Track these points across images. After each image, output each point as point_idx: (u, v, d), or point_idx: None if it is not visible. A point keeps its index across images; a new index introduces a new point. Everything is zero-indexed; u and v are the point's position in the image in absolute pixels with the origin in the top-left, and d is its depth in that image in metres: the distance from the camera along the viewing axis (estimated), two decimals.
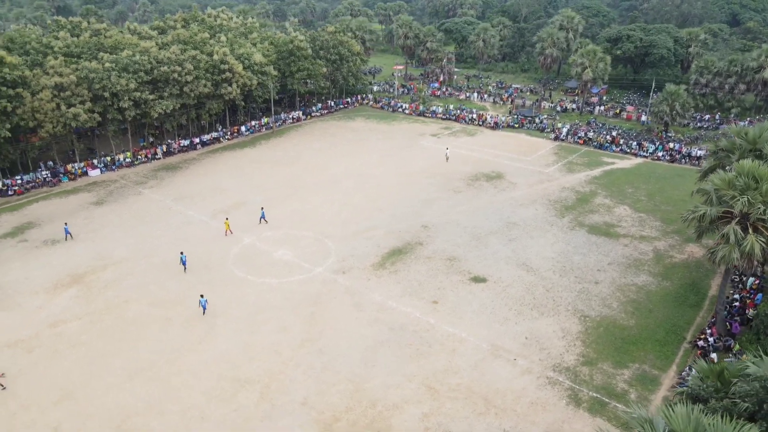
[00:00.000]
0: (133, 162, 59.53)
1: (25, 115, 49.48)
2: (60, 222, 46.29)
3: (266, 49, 71.69)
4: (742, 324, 31.79)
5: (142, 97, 55.54)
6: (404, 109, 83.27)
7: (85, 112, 51.73)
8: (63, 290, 36.75)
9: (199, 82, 59.82)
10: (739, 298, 34.38)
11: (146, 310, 34.67)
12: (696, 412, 13.91)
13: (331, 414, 26.46)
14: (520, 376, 28.92)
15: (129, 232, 44.80)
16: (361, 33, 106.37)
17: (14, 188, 51.86)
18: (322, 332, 32.45)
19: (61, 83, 50.77)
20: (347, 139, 69.68)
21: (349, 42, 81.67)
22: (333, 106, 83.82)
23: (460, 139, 70.03)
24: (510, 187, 53.72)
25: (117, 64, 54.45)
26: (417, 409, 26.73)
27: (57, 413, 26.60)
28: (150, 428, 25.70)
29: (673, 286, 37.03)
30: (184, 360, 30.20)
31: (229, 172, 58.28)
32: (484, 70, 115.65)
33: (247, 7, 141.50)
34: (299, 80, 74.06)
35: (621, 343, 31.40)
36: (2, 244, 43.05)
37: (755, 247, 26.89)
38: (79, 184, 55.03)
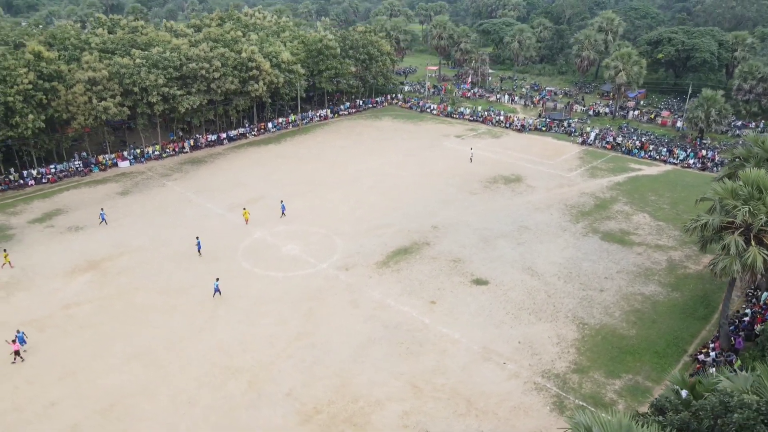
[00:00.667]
0: (161, 155, 61.74)
1: (60, 107, 52.09)
2: (86, 210, 48.60)
3: (295, 47, 72.89)
4: (749, 340, 30.52)
5: (170, 92, 57.55)
6: (432, 110, 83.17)
7: (114, 105, 54.02)
8: (79, 275, 38.61)
9: (226, 79, 61.49)
10: (750, 313, 33.01)
11: (154, 297, 36.05)
12: (628, 420, 13.65)
13: (313, 406, 26.95)
14: (507, 380, 28.69)
15: (148, 222, 46.57)
16: (396, 33, 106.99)
17: (48, 176, 54.67)
18: (318, 327, 33.00)
19: (94, 77, 53.19)
20: (372, 138, 70.17)
21: (379, 42, 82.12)
22: (361, 105, 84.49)
23: (485, 140, 69.47)
24: (528, 191, 53.02)
25: (147, 60, 56.63)
26: (399, 406, 26.91)
27: (57, 390, 28.06)
28: (140, 409, 26.80)
29: (682, 297, 35.86)
30: (182, 347, 31.29)
31: (251, 167, 59.69)
32: (520, 72, 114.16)
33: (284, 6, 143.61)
34: (327, 79, 75.00)
35: (617, 352, 30.69)
36: (30, 229, 45.49)
37: (757, 260, 25.85)
38: (109, 174, 57.51)
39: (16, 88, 48.80)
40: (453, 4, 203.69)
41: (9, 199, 51.26)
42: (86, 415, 26.42)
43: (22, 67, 49.81)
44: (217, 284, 35.62)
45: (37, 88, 50.54)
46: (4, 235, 44.35)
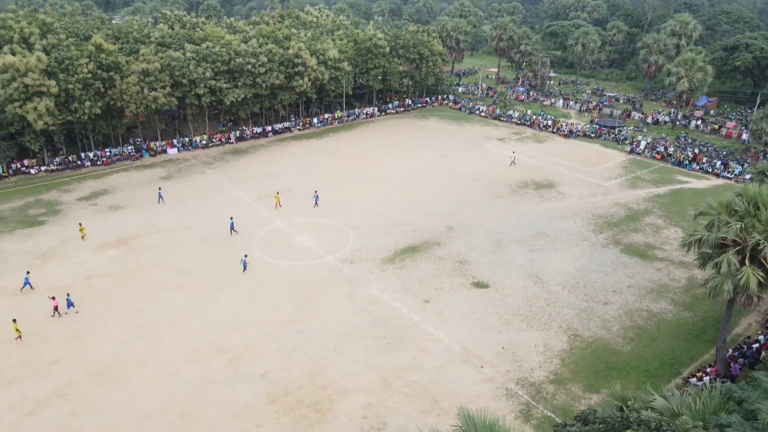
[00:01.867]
0: (208, 144, 65.17)
1: (115, 95, 56.34)
2: (129, 192, 52.44)
3: (345, 45, 74.38)
4: (751, 367, 28.41)
5: (217, 85, 60.65)
6: (481, 112, 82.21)
7: (164, 96, 57.70)
8: (108, 250, 41.81)
9: (272, 74, 63.92)
10: (762, 340, 30.68)
11: (167, 275, 38.46)
12: (490, 420, 13.51)
13: (283, 389, 27.94)
14: (480, 383, 28.37)
15: (181, 206, 49.50)
16: (456, 34, 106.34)
17: (103, 159, 59.26)
18: (308, 315, 33.99)
19: (147, 69, 57.04)
20: (413, 137, 70.46)
21: (431, 42, 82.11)
22: (410, 105, 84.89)
23: (527, 144, 67.93)
24: (557, 197, 51.51)
25: (197, 54, 59.95)
26: (364, 398, 27.36)
27: (62, 351, 30.74)
28: (128, 376, 28.87)
29: (693, 318, 33.81)
30: (180, 323, 33.26)
31: (289, 159, 61.76)
32: (586, 76, 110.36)
33: (343, 4, 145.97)
34: (375, 77, 76.02)
35: (604, 367, 29.52)
36: (77, 206, 49.64)
37: (751, 281, 24.13)
38: (157, 160, 61.50)
39: (77, 77, 53.33)
40: (533, 5, 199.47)
41: (66, 178, 56.13)
42: (80, 375, 28.81)
43: (83, 57, 54.31)
44: (245, 260, 38.37)
45: (96, 77, 54.93)
46: (53, 210, 48.74)
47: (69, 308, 33.74)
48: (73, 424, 25.80)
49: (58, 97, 52.98)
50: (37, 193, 52.39)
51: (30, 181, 55.43)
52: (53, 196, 51.84)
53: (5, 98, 50.53)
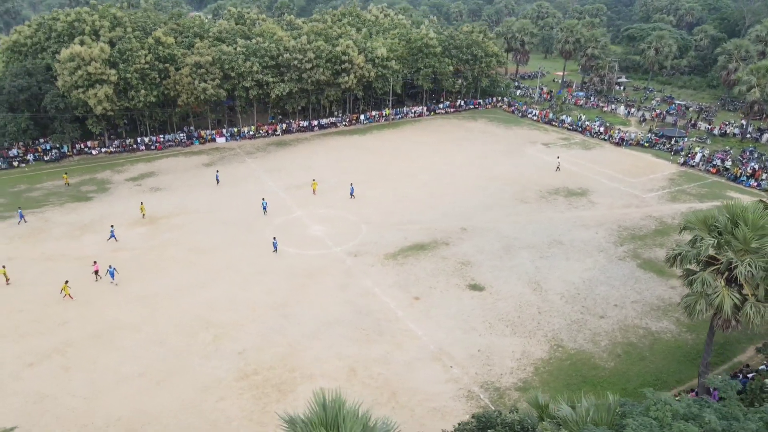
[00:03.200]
0: (255, 135, 68.27)
1: (169, 85, 60.43)
2: (172, 176, 56.26)
3: (396, 44, 75.07)
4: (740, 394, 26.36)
5: (264, 79, 63.42)
6: (533, 116, 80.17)
7: (213, 87, 61.16)
8: (138, 227, 45.23)
9: (318, 70, 65.88)
10: (765, 371, 28.29)
11: (182, 253, 41.10)
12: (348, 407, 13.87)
13: (254, 367, 29.26)
14: (444, 382, 28.28)
15: (214, 191, 52.46)
16: (521, 36, 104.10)
17: (156, 144, 63.76)
18: (299, 301, 35.18)
19: (199, 62, 60.71)
20: (454, 137, 70.08)
21: (485, 43, 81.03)
22: (462, 106, 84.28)
23: (572, 151, 65.64)
24: (585, 206, 49.61)
25: (247, 49, 62.99)
26: (326, 383, 28.01)
27: (73, 312, 33.83)
28: (121, 341, 31.34)
29: (694, 341, 31.69)
30: (180, 297, 35.54)
31: (326, 153, 63.48)
32: (663, 83, 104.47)
33: (407, 4, 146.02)
34: (425, 76, 76.23)
35: (578, 381, 28.48)
36: (124, 185, 53.91)
37: (725, 303, 22.55)
38: (205, 148, 65.30)
39: (135, 67, 57.79)
40: (627, 7, 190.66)
41: (121, 160, 60.99)
42: (81, 336, 31.64)
43: (143, 49, 58.74)
44: (275, 242, 40.53)
45: (153, 68, 59.26)
46: (103, 188, 53.27)
47: (112, 279, 36.62)
48: (64, 378, 28.47)
49: (117, 85, 57.67)
50: (93, 171, 57.40)
51: (90, 160, 60.77)
52: (106, 175, 56.59)
53: (71, 84, 55.69)
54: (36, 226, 45.33)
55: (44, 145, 60.17)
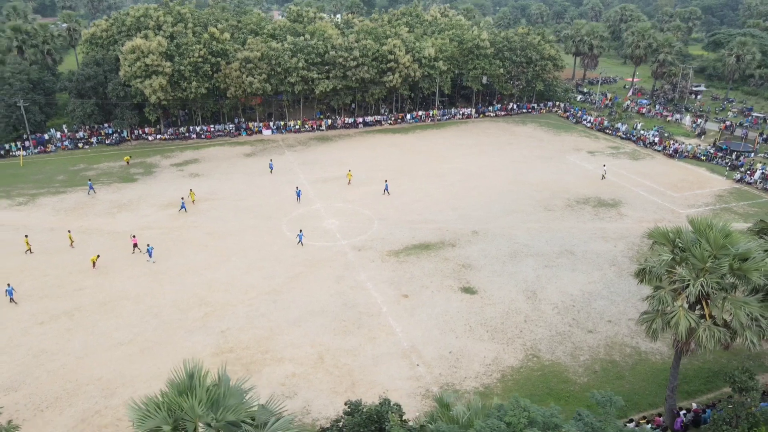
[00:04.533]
0: (300, 129, 70.69)
1: (219, 79, 63.99)
2: (213, 163, 59.66)
3: (446, 44, 74.82)
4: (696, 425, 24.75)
5: (309, 75, 65.57)
6: (588, 122, 77.13)
7: (259, 82, 64.05)
8: (167, 208, 48.54)
9: (362, 68, 67.14)
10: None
11: (199, 235, 43.72)
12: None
13: (231, 345, 30.87)
14: (405, 379, 28.46)
15: (247, 180, 55.11)
16: (590, 39, 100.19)
17: (207, 133, 67.70)
18: (292, 288, 36.51)
19: (248, 57, 63.79)
20: (497, 141, 69.01)
21: (542, 46, 78.82)
22: (515, 109, 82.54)
23: (619, 160, 62.70)
24: (612, 218, 47.46)
25: (295, 46, 65.37)
26: (293, 368, 29.16)
27: (90, 281, 37.12)
28: (123, 309, 34.05)
29: (684, 365, 29.67)
30: (185, 276, 37.94)
31: (364, 150, 64.65)
32: (747, 93, 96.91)
33: (471, 4, 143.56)
34: (474, 78, 75.49)
35: (545, 393, 27.69)
36: (168, 170, 57.89)
37: (680, 323, 21.30)
38: (251, 139, 68.50)
39: (188, 60, 61.74)
40: (734, 11, 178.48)
41: (172, 147, 65.38)
42: (90, 302, 34.69)
43: (197, 43, 62.62)
44: (301, 235, 41.76)
45: (206, 61, 63.01)
46: (149, 171, 57.49)
47: (150, 257, 39.55)
48: (64, 338, 31.45)
49: (172, 76, 61.85)
50: (145, 156, 62.01)
51: (145, 145, 65.63)
52: (155, 160, 60.95)
53: (131, 74, 60.47)
54: (82, 202, 49.85)
55: (107, 129, 65.66)
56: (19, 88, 60.26)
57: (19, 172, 56.92)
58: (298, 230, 42.75)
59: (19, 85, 60.57)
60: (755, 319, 20.97)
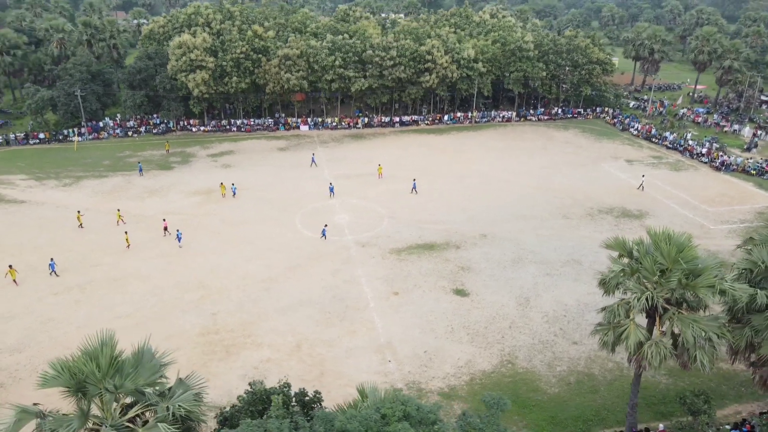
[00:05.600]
0: (337, 126, 72.16)
1: (260, 75, 66.49)
2: (246, 155, 62.25)
3: (488, 46, 73.94)
4: None
5: (345, 73, 66.85)
6: (635, 130, 73.92)
7: (296, 79, 65.98)
8: (194, 196, 51.18)
9: (399, 68, 67.66)
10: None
11: (215, 223, 45.88)
12: None
13: (218, 328, 32.39)
14: (373, 374, 28.77)
15: (272, 173, 57.05)
16: (651, 43, 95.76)
17: (246, 126, 70.50)
18: (288, 278, 37.72)
19: (288, 54, 65.88)
20: (532, 146, 67.56)
21: (590, 49, 76.20)
22: (559, 114, 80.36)
23: (658, 171, 59.87)
24: (633, 230, 45.54)
25: (333, 44, 66.82)
26: (269, 353, 30.27)
27: (108, 258, 39.91)
28: (130, 286, 36.45)
29: (667, 386, 28.41)
30: (193, 259, 40.03)
31: (394, 149, 65.15)
32: None
33: (527, 6, 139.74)
34: (515, 80, 74.20)
35: (511, 399, 26.89)
36: (203, 160, 60.90)
37: (630, 337, 20.62)
38: (288, 134, 70.66)
39: (231, 56, 64.57)
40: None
41: (212, 138, 68.59)
42: (103, 278, 37.37)
43: (240, 40, 65.38)
44: (324, 229, 42.71)
45: (247, 58, 65.67)
46: (186, 161, 60.71)
47: (179, 242, 41.78)
48: (72, 309, 34.12)
49: (214, 71, 64.89)
50: (186, 146, 65.46)
51: (189, 136, 69.22)
52: (194, 150, 64.23)
53: (177, 68, 64.03)
54: (119, 186, 53.48)
55: (155, 119, 69.80)
56: (79, 79, 65.23)
57: (72, 156, 61.70)
58: (324, 225, 43.32)
59: (79, 75, 65.55)
60: (709, 339, 19.95)
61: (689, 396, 21.01)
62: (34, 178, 55.50)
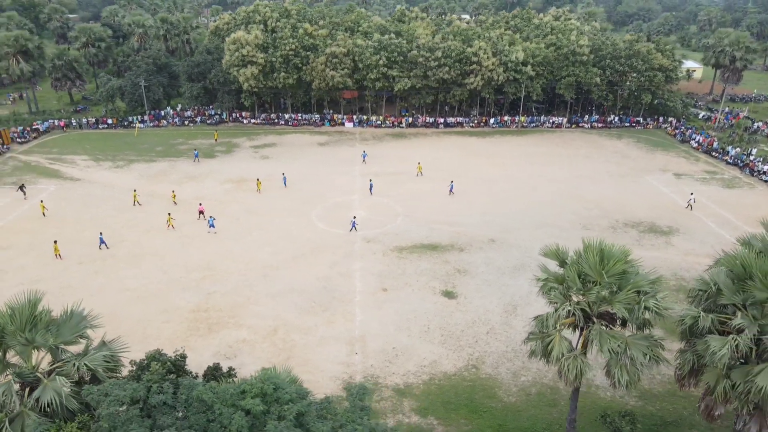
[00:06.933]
0: (381, 124, 73.27)
1: (307, 71, 68.92)
2: (286, 148, 64.86)
3: (540, 49, 72.00)
4: None
5: (389, 72, 67.80)
6: (696, 142, 69.27)
7: (341, 76, 67.74)
8: (226, 184, 54.23)
9: (443, 69, 67.65)
10: None
11: (238, 211, 48.44)
12: None
13: (208, 306, 34.49)
14: (337, 364, 29.65)
15: (306, 166, 59.07)
16: (732, 50, 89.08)
17: (293, 121, 73.27)
18: (288, 266, 39.33)
19: (335, 52, 67.79)
20: (575, 154, 65.28)
21: (652, 55, 72.12)
22: (615, 122, 76.78)
23: (707, 186, 56.05)
24: (656, 247, 43.26)
25: (379, 43, 67.94)
26: (247, 334, 31.90)
27: (131, 235, 43.43)
28: (145, 263, 39.51)
29: (635, 408, 27.14)
30: (207, 242, 42.67)
31: (430, 150, 65.28)
32: None
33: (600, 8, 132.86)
34: (567, 85, 71.83)
35: (462, 403, 27.16)
36: (245, 150, 64.16)
37: (554, 348, 20.25)
38: (332, 130, 72.62)
39: (280, 52, 67.44)
40: None
41: (261, 131, 71.92)
42: (125, 253, 40.74)
43: (290, 37, 68.10)
44: (354, 222, 44.31)
45: (296, 55, 68.29)
46: (229, 150, 64.26)
47: (212, 227, 44.33)
48: (90, 278, 37.59)
49: (264, 66, 68.03)
50: (233, 136, 69.15)
51: (239, 128, 73.01)
52: (240, 141, 67.74)
53: (230, 63, 67.79)
54: (163, 170, 57.65)
55: (210, 110, 74.22)
56: (144, 70, 70.72)
57: (131, 141, 67.11)
58: (353, 217, 44.77)
59: (145, 67, 71.06)
60: (631, 357, 19.16)
61: (612, 415, 20.13)
62: (93, 159, 61.04)
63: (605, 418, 20.11)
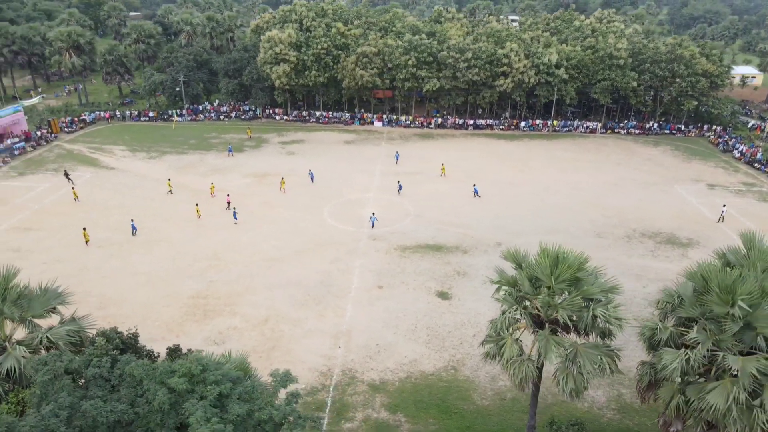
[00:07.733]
0: (410, 124, 73.49)
1: (338, 70, 70.00)
2: (312, 145, 66.32)
3: (576, 52, 70.29)
4: None
5: (418, 73, 67.94)
6: (739, 152, 65.92)
7: (370, 76, 68.41)
8: (248, 178, 55.95)
9: (472, 70, 67.18)
10: None
11: (254, 203, 49.91)
12: None
13: (208, 293, 35.87)
14: (319, 356, 30.26)
15: (329, 164, 60.05)
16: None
17: (324, 118, 74.55)
18: (291, 260, 40.31)
19: (365, 52, 68.54)
20: (605, 160, 63.46)
21: (695, 59, 69.04)
22: (655, 129, 73.95)
23: (741, 198, 53.39)
24: (671, 258, 41.69)
25: (410, 44, 68.17)
26: (239, 322, 33.01)
27: (150, 223, 45.56)
28: (158, 250, 41.44)
29: (611, 421, 26.46)
30: (218, 233, 44.22)
31: (455, 151, 64.98)
32: None
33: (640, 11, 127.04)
34: (602, 90, 69.81)
35: (432, 404, 27.20)
36: (272, 146, 65.86)
37: (506, 350, 20.18)
38: (360, 128, 73.40)
39: (312, 51, 68.81)
40: None
41: (290, 127, 73.58)
42: (141, 240, 42.84)
43: (323, 36, 69.37)
44: (373, 218, 45.10)
45: (328, 53, 69.49)
46: (258, 145, 66.17)
47: (235, 219, 46.02)
48: (105, 261, 39.78)
49: (296, 64, 69.58)
50: (265, 132, 71.07)
51: (272, 124, 74.94)
52: (270, 136, 69.58)
53: (264, 60, 69.72)
54: (192, 162, 60.03)
55: (244, 106, 76.53)
56: (184, 66, 73.73)
57: (167, 134, 70.16)
58: (371, 213, 45.45)
59: (185, 63, 74.07)
60: (578, 365, 18.84)
61: (560, 422, 19.78)
62: (130, 149, 64.26)
63: (552, 426, 19.75)
